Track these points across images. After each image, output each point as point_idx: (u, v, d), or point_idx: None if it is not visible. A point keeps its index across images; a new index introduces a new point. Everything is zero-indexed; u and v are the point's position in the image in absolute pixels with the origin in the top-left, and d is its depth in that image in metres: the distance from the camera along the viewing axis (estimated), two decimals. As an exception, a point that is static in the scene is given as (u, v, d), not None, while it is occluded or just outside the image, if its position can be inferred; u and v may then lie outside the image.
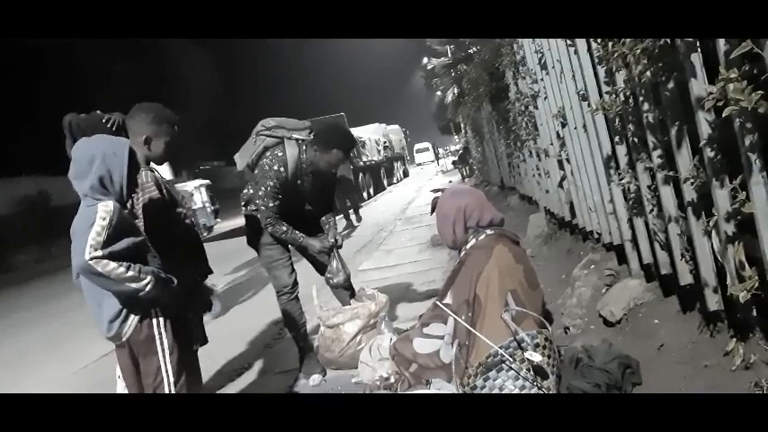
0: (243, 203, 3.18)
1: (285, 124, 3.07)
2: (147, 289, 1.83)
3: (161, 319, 1.96)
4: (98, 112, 2.22)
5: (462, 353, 2.23)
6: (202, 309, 2.37)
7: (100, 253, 1.73)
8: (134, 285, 1.80)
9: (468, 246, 2.44)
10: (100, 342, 1.97)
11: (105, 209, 1.77)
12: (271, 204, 2.95)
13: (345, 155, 3.06)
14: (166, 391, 1.95)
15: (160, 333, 1.96)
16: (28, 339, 6.05)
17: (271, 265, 3.16)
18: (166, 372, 1.97)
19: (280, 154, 2.97)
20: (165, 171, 3.75)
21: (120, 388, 2.08)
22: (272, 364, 3.68)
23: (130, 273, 1.78)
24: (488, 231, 2.42)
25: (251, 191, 3.12)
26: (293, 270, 3.21)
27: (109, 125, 2.14)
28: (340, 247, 3.24)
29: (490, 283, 2.22)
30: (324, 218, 3.30)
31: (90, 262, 1.72)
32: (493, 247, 2.31)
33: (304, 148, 3.03)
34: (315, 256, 3.24)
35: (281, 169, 2.96)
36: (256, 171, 3.03)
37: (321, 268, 3.30)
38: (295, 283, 3.19)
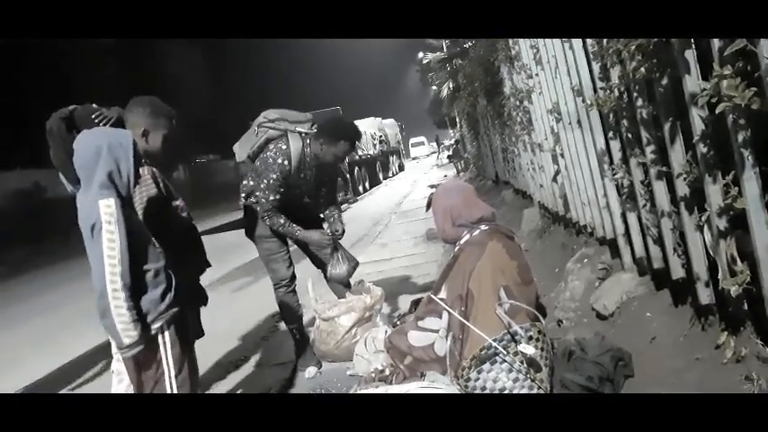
0: (243, 195, 3.16)
1: (288, 117, 3.05)
2: (126, 342, 1.72)
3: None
4: (93, 105, 2.17)
5: (456, 346, 2.24)
6: (200, 302, 2.37)
7: (119, 283, 1.67)
8: (120, 329, 1.69)
9: (462, 241, 2.44)
10: (93, 334, 1.95)
11: (108, 210, 1.70)
12: (272, 198, 2.94)
13: (352, 146, 3.05)
14: (167, 385, 1.95)
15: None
16: (22, 332, 6.05)
17: (269, 257, 3.16)
18: (167, 365, 1.95)
19: (284, 147, 2.95)
20: None
21: (116, 382, 2.07)
22: (268, 356, 3.70)
23: (131, 320, 1.70)
24: (483, 227, 2.42)
25: (251, 183, 3.11)
26: (291, 263, 3.21)
27: (97, 121, 2.07)
28: (340, 237, 3.22)
29: (482, 280, 2.22)
30: (327, 211, 3.30)
31: (109, 293, 1.66)
32: (486, 243, 2.32)
33: (308, 141, 3.01)
34: (314, 250, 3.24)
35: (285, 162, 2.94)
36: (258, 163, 3.02)
37: (319, 263, 3.29)
38: (293, 277, 3.20)
